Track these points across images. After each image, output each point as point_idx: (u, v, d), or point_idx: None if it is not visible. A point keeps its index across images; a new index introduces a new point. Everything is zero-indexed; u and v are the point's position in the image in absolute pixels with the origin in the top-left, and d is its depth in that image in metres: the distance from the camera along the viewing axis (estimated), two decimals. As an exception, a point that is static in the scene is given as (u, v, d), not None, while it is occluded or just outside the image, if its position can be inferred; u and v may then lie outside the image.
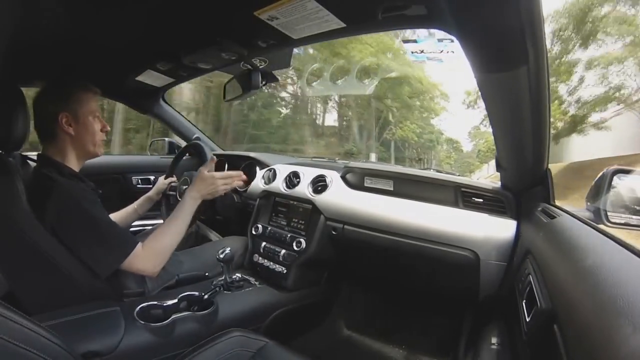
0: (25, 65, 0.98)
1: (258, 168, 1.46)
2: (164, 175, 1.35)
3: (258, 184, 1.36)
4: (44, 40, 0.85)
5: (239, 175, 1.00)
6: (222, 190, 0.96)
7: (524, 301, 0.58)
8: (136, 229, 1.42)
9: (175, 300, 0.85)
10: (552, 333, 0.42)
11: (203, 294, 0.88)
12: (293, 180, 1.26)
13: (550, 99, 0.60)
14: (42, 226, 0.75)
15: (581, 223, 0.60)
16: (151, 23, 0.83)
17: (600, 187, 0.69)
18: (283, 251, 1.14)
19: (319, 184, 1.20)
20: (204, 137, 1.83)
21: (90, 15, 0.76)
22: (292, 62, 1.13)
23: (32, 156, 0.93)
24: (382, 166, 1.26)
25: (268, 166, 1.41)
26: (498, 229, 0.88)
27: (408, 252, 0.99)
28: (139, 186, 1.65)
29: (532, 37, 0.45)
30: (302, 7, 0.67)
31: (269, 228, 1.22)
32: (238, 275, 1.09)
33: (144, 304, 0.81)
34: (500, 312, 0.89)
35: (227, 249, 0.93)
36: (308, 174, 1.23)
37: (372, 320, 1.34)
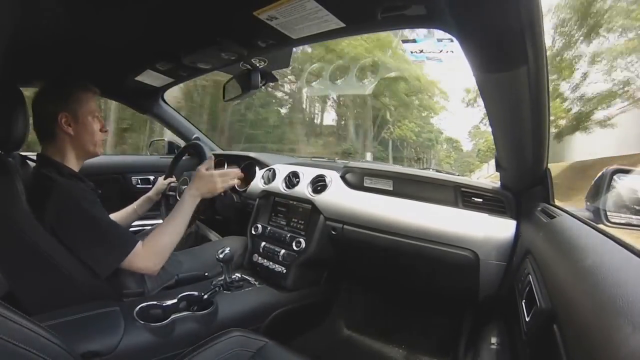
0: (25, 65, 0.98)
1: (257, 168, 1.46)
2: (164, 175, 1.35)
3: (257, 184, 1.35)
4: (44, 40, 0.85)
5: (237, 172, 1.01)
6: (221, 187, 0.96)
7: (524, 301, 0.58)
8: (136, 229, 1.42)
9: (174, 300, 0.85)
10: (552, 333, 0.42)
11: (203, 294, 0.88)
12: (292, 180, 1.26)
13: (549, 99, 0.60)
14: (42, 226, 0.75)
15: (581, 223, 0.60)
16: (151, 23, 0.83)
17: (599, 187, 0.69)
18: (283, 251, 1.14)
19: (319, 184, 1.20)
20: (204, 137, 1.83)
21: (90, 15, 0.76)
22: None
23: (32, 156, 0.93)
24: (382, 166, 1.26)
25: (267, 166, 1.41)
26: (498, 229, 0.88)
27: (408, 252, 0.99)
28: (139, 186, 1.65)
29: (532, 37, 0.45)
30: (302, 7, 0.67)
31: (269, 228, 1.22)
32: (238, 275, 1.09)
33: (144, 304, 0.81)
34: (500, 312, 0.89)
35: (227, 249, 0.93)
36: (307, 174, 1.23)
37: (372, 320, 1.34)
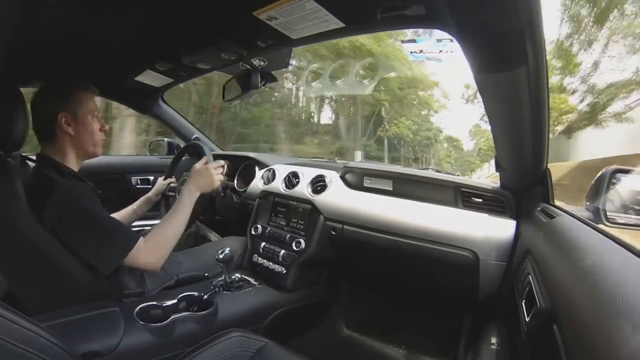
0: (24, 65, 0.98)
1: (257, 168, 1.46)
2: (164, 175, 1.35)
3: (257, 184, 1.35)
4: (44, 40, 0.85)
5: (219, 162, 1.04)
6: (218, 179, 0.99)
7: (524, 301, 0.58)
8: (136, 230, 1.41)
9: (174, 300, 0.85)
10: (552, 333, 0.42)
11: (202, 294, 0.88)
12: (292, 180, 1.26)
13: (549, 99, 0.60)
14: (42, 226, 0.75)
15: (581, 223, 0.60)
16: (151, 23, 0.83)
17: (599, 187, 0.69)
18: (282, 251, 1.14)
19: (319, 184, 1.20)
20: (204, 137, 1.83)
21: (89, 15, 0.76)
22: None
23: (32, 156, 0.93)
24: (382, 166, 1.26)
25: (267, 166, 1.41)
26: (497, 229, 0.88)
27: (408, 252, 0.99)
28: (139, 186, 1.65)
29: (532, 37, 0.45)
30: (301, 7, 0.67)
31: (269, 228, 1.22)
32: (237, 275, 1.09)
33: (144, 304, 0.81)
34: (500, 312, 0.89)
35: (227, 249, 0.93)
36: (307, 174, 1.23)
37: (372, 320, 1.33)
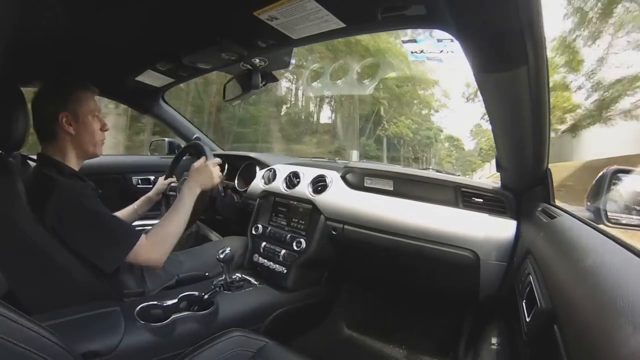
0: (25, 65, 0.98)
1: (258, 168, 1.46)
2: (164, 175, 1.35)
3: (258, 184, 1.36)
4: (44, 40, 0.85)
5: (217, 161, 1.06)
6: (217, 176, 1.00)
7: (524, 301, 0.58)
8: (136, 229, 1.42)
9: (175, 300, 0.85)
10: (552, 333, 0.42)
11: (203, 294, 0.88)
12: (293, 180, 1.26)
13: (550, 99, 0.60)
14: (43, 226, 0.75)
15: (581, 223, 0.60)
16: (151, 23, 0.83)
17: (600, 187, 0.68)
18: (283, 251, 1.14)
19: (319, 184, 1.20)
20: (204, 137, 1.83)
21: (90, 15, 0.76)
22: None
23: (32, 156, 0.93)
24: (382, 166, 1.26)
25: (268, 166, 1.41)
26: (498, 229, 0.88)
27: (408, 252, 0.99)
28: (139, 186, 1.65)
29: (532, 37, 0.45)
30: (302, 7, 0.67)
31: (269, 228, 1.22)
32: (238, 275, 1.09)
33: (144, 304, 0.81)
34: (500, 312, 0.89)
35: (227, 249, 0.93)
36: (308, 174, 1.23)
37: (373, 320, 1.33)
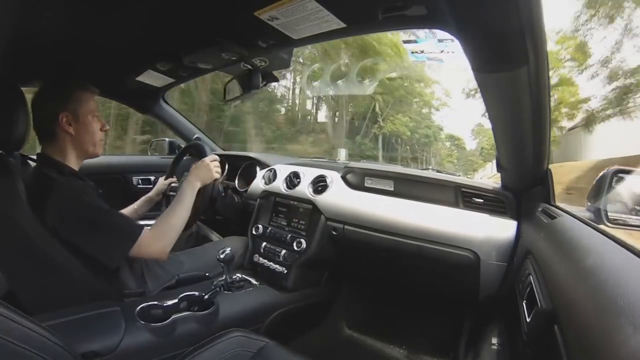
0: (25, 65, 0.98)
1: (258, 168, 1.46)
2: (165, 175, 1.35)
3: (258, 184, 1.35)
4: (44, 40, 0.85)
5: (213, 157, 1.07)
6: (215, 171, 1.03)
7: (525, 301, 0.58)
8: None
9: (175, 300, 0.85)
10: (553, 333, 0.42)
11: (203, 294, 0.88)
12: (293, 180, 1.26)
13: (550, 99, 0.60)
14: (43, 226, 0.75)
15: (581, 223, 0.60)
16: (151, 23, 0.83)
17: (600, 187, 0.68)
18: (283, 251, 1.14)
19: (320, 184, 1.20)
20: (205, 138, 1.83)
21: (90, 15, 0.76)
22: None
23: (32, 156, 0.93)
24: (383, 166, 1.26)
25: (268, 166, 1.41)
26: (498, 230, 0.88)
27: (408, 253, 0.98)
28: (140, 186, 1.65)
29: (532, 37, 0.45)
30: (303, 8, 0.67)
31: (270, 228, 1.22)
32: (238, 275, 1.09)
33: (144, 304, 0.81)
34: (500, 313, 0.89)
35: (228, 249, 0.93)
36: (308, 174, 1.23)
37: (373, 320, 1.33)
